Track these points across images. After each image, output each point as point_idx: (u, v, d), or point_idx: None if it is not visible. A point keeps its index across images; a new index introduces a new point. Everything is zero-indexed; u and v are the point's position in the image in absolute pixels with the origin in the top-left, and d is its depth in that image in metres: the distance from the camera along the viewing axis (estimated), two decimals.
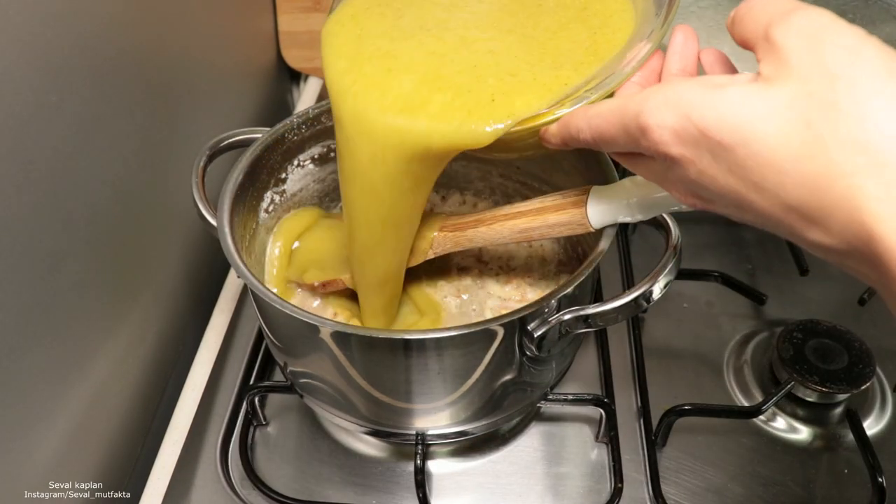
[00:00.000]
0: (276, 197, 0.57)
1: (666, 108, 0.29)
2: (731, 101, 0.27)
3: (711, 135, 0.27)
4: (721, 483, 0.53)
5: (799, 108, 0.25)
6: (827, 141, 0.25)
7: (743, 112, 0.26)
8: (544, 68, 0.40)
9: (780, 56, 0.27)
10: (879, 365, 0.58)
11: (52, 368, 0.48)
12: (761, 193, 0.27)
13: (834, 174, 0.24)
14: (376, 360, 0.44)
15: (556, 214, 0.44)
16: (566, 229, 0.45)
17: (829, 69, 0.25)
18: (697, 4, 0.68)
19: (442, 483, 0.53)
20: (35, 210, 0.44)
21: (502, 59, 0.41)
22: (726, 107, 0.27)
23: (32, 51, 0.42)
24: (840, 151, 0.24)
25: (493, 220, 0.48)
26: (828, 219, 0.25)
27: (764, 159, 0.26)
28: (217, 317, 0.66)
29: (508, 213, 0.47)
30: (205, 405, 0.58)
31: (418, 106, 0.39)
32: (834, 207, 0.25)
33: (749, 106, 0.26)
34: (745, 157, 0.26)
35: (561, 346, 0.45)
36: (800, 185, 0.25)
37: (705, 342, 0.62)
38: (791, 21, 0.27)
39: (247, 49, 0.84)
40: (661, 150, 0.30)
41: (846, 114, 0.25)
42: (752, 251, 0.70)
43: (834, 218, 0.25)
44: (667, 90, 0.29)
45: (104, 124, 0.51)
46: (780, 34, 0.27)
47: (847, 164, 0.24)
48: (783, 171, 0.26)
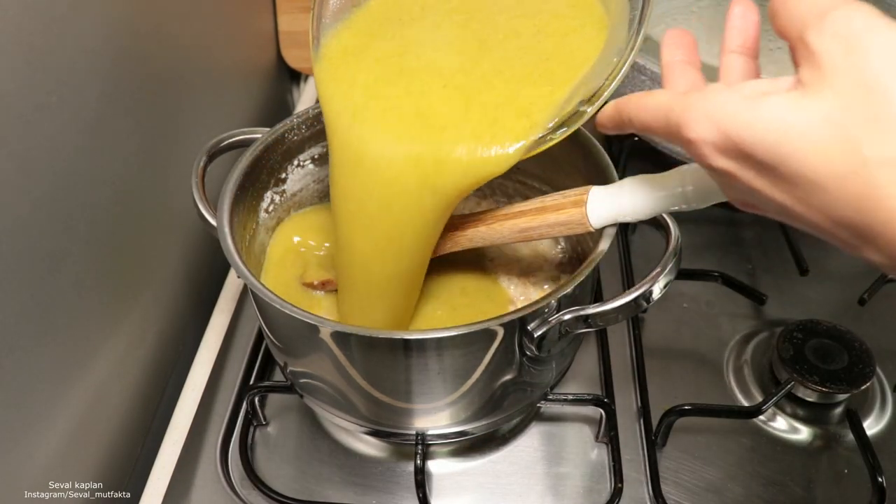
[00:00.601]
0: (276, 197, 0.57)
1: (707, 122, 0.28)
2: (769, 117, 0.26)
3: (752, 153, 0.26)
4: (721, 483, 0.53)
5: (837, 122, 0.24)
6: (868, 159, 0.23)
7: (782, 128, 0.25)
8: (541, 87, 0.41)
9: (816, 62, 0.25)
10: (879, 365, 0.58)
11: (52, 368, 0.48)
12: (809, 208, 0.26)
13: (877, 195, 0.23)
14: (376, 360, 0.44)
15: (556, 214, 0.44)
16: (566, 229, 0.45)
17: (867, 78, 0.24)
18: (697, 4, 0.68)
19: (442, 483, 0.53)
20: (35, 210, 0.44)
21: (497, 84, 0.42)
22: (765, 123, 0.26)
23: (32, 51, 0.42)
24: (882, 171, 0.23)
25: (493, 220, 0.48)
26: (877, 238, 0.24)
27: (806, 178, 0.25)
28: (217, 317, 0.66)
29: (508, 212, 0.47)
30: (205, 405, 0.58)
31: (434, 145, 0.41)
32: (882, 227, 0.24)
33: (787, 121, 0.25)
34: (788, 175, 0.26)
35: (561, 346, 0.45)
36: (845, 204, 0.24)
37: (705, 342, 0.62)
38: (826, 24, 0.25)
39: (247, 49, 0.84)
40: (706, 163, 0.29)
41: (886, 129, 0.23)
42: (752, 251, 0.70)
43: (883, 238, 0.24)
44: (707, 102, 0.28)
45: (104, 124, 0.51)
46: (816, 38, 0.25)
47: (891, 184, 0.23)
48: (826, 190, 0.25)
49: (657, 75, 0.64)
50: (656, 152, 0.71)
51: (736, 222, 0.72)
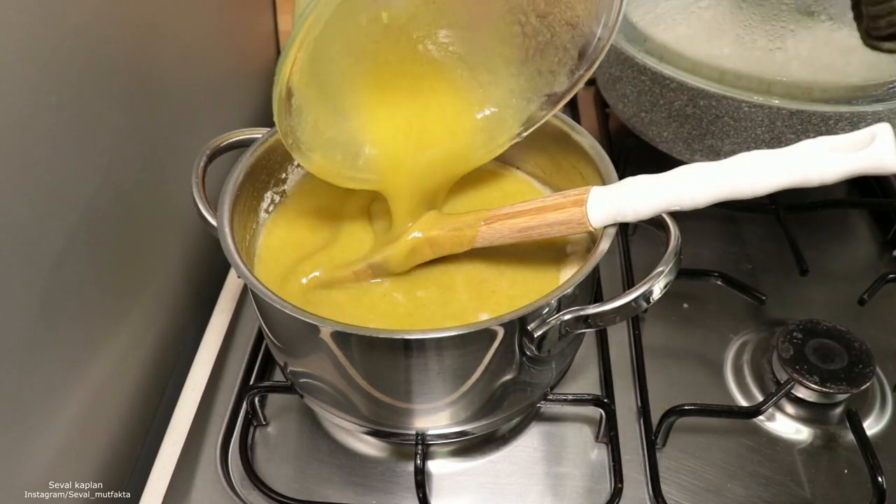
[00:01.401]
0: (276, 197, 0.57)
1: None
2: None
3: None
4: (721, 483, 0.53)
5: None
6: None
7: None
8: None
9: None
10: (879, 365, 0.58)
11: (53, 368, 0.48)
12: None
13: None
14: (376, 360, 0.44)
15: (557, 213, 0.44)
16: (566, 228, 0.45)
17: None
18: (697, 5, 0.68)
19: (442, 483, 0.53)
20: (35, 210, 0.44)
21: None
22: None
23: (32, 51, 0.42)
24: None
25: (492, 220, 0.48)
26: None
27: None
28: (217, 317, 0.66)
29: (509, 212, 0.47)
30: (205, 405, 0.58)
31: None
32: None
33: None
34: None
35: (561, 346, 0.45)
36: None
37: (705, 342, 0.62)
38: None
39: (247, 49, 0.84)
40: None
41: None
42: (752, 251, 0.70)
43: None
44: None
45: (104, 124, 0.51)
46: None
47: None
48: None
49: (657, 75, 0.64)
50: (656, 153, 0.71)
51: (736, 222, 0.72)
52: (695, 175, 0.40)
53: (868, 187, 0.77)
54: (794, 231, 0.67)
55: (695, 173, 0.40)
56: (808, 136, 0.62)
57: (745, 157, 0.40)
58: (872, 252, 0.72)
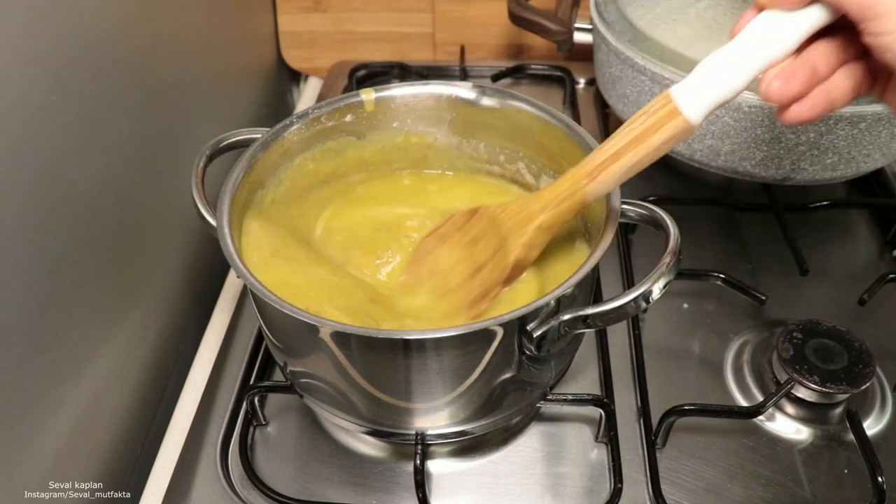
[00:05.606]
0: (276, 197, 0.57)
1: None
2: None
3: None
4: (721, 483, 0.53)
5: None
6: None
7: None
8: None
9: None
10: (879, 365, 0.58)
11: (53, 368, 0.48)
12: None
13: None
14: (376, 360, 0.44)
15: (659, 134, 0.42)
16: (673, 143, 0.42)
17: None
18: (697, 5, 0.68)
19: (442, 483, 0.53)
20: (35, 210, 0.44)
21: None
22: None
23: (32, 51, 0.43)
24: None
25: (594, 174, 0.45)
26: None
27: None
28: (217, 317, 0.66)
29: (605, 157, 0.44)
30: (205, 405, 0.58)
31: None
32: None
33: None
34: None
35: (560, 346, 0.45)
36: None
37: (705, 342, 0.62)
38: None
39: (247, 49, 0.85)
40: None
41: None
42: (752, 251, 0.70)
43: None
44: None
45: (104, 124, 0.51)
46: None
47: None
48: None
49: (657, 76, 0.64)
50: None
51: (736, 222, 0.72)
52: (767, 23, 0.38)
53: (868, 187, 0.77)
54: (794, 231, 0.67)
55: (766, 21, 0.38)
56: (807, 136, 0.62)
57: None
58: (872, 252, 0.72)
